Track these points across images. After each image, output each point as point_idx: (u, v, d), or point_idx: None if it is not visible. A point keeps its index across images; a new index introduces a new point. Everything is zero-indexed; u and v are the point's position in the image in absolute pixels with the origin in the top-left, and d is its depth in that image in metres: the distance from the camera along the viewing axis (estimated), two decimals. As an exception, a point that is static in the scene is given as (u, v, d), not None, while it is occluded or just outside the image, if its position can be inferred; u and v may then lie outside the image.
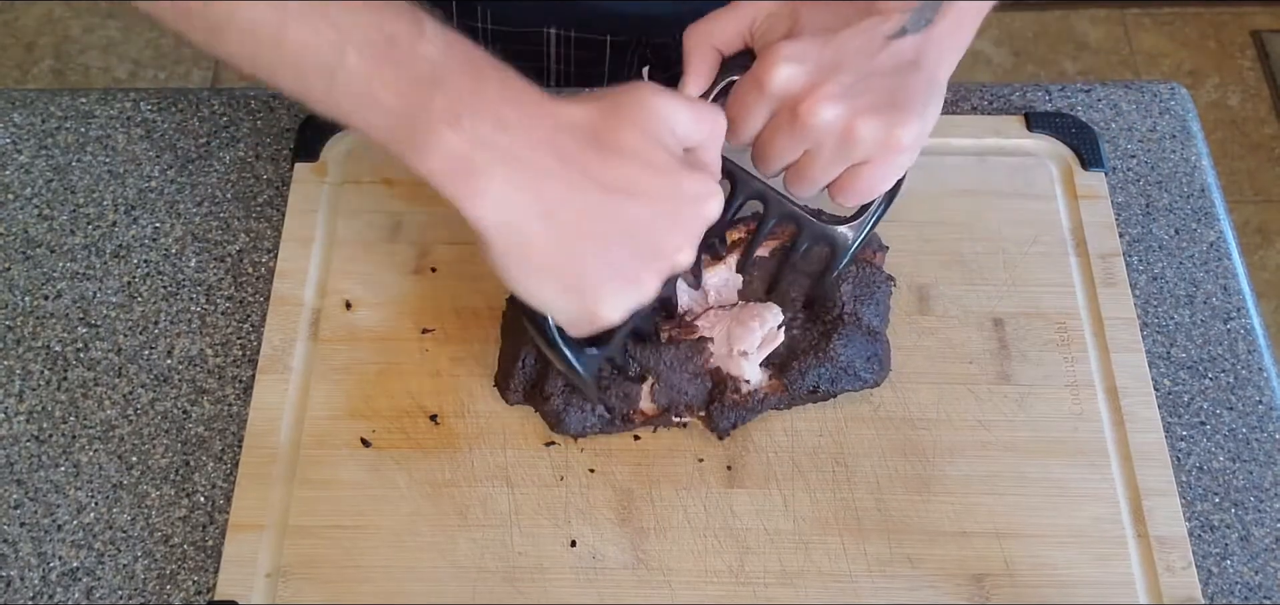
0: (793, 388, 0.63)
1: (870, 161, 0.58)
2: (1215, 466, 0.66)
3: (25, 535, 0.63)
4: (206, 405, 0.67)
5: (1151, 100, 0.80)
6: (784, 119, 0.58)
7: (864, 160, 0.58)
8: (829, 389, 0.64)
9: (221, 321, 0.70)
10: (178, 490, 0.64)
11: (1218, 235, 0.74)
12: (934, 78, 0.59)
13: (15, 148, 0.77)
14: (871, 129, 0.57)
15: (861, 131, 0.57)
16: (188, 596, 0.61)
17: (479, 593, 0.60)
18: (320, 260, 0.71)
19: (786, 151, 0.59)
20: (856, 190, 0.60)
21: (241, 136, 0.77)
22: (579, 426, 0.63)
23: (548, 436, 0.65)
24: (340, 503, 0.62)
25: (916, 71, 0.58)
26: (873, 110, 0.57)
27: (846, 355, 0.64)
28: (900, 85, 0.57)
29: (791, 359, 0.64)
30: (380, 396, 0.66)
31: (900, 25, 0.57)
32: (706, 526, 0.62)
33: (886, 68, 0.57)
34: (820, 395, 0.64)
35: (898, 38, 0.57)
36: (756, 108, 0.58)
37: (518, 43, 0.89)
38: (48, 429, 0.66)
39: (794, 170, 0.60)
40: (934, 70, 0.59)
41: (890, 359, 0.66)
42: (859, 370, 0.64)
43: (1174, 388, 0.68)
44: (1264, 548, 0.63)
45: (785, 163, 0.60)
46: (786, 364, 0.64)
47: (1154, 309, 0.71)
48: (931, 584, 0.61)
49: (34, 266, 0.72)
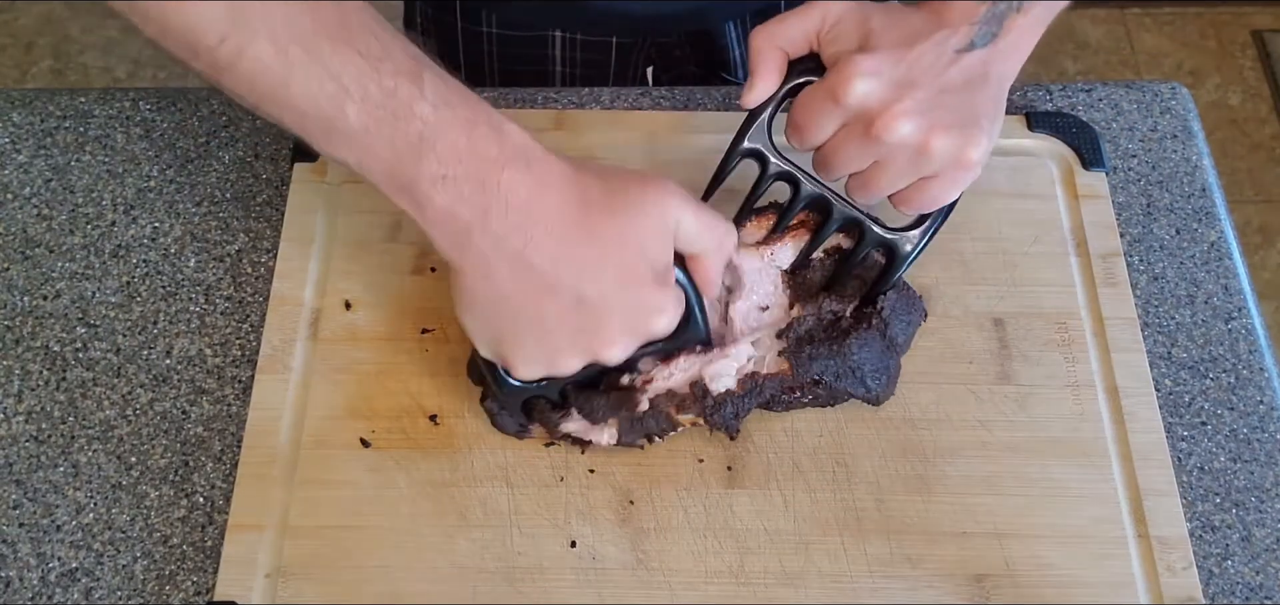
0: (799, 369, 0.63)
1: (939, 175, 0.59)
2: (1216, 467, 0.65)
3: (24, 535, 0.63)
4: (206, 405, 0.67)
5: (1152, 100, 0.80)
6: (857, 131, 0.58)
7: (933, 174, 0.59)
8: (832, 384, 0.63)
9: (221, 321, 0.70)
10: (177, 491, 0.64)
11: (1218, 235, 0.74)
12: (1001, 90, 0.60)
13: (14, 147, 0.77)
14: (946, 145, 0.58)
15: (935, 147, 0.58)
16: (187, 597, 0.61)
17: (479, 593, 0.60)
18: (320, 260, 0.71)
19: (855, 162, 0.60)
20: (922, 202, 0.61)
21: (241, 136, 0.77)
22: (512, 429, 0.64)
23: (548, 436, 0.64)
24: (340, 503, 0.62)
25: (985, 85, 0.59)
26: (947, 127, 0.58)
27: (859, 357, 0.63)
28: (971, 100, 0.58)
29: (806, 341, 0.64)
30: (380, 396, 0.66)
31: (969, 39, 0.57)
32: (706, 527, 0.62)
33: (957, 83, 0.58)
34: (821, 390, 0.64)
35: (967, 52, 0.57)
36: (829, 118, 0.59)
37: (523, 46, 0.89)
38: (47, 429, 0.66)
39: (860, 178, 0.61)
40: (1001, 83, 0.60)
41: (896, 382, 0.66)
42: (866, 376, 0.64)
43: (1175, 388, 0.68)
44: (1265, 548, 0.63)
45: (851, 171, 0.61)
46: (799, 347, 0.64)
47: (1155, 309, 0.71)
48: (931, 584, 0.60)
49: (33, 266, 0.72)
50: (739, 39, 0.90)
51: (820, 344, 0.64)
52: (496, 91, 0.78)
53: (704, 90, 0.79)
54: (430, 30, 0.93)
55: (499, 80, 0.91)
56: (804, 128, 0.60)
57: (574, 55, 0.89)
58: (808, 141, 0.60)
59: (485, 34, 0.89)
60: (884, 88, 0.57)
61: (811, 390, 0.64)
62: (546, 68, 0.90)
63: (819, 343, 0.64)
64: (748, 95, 0.61)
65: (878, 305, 0.65)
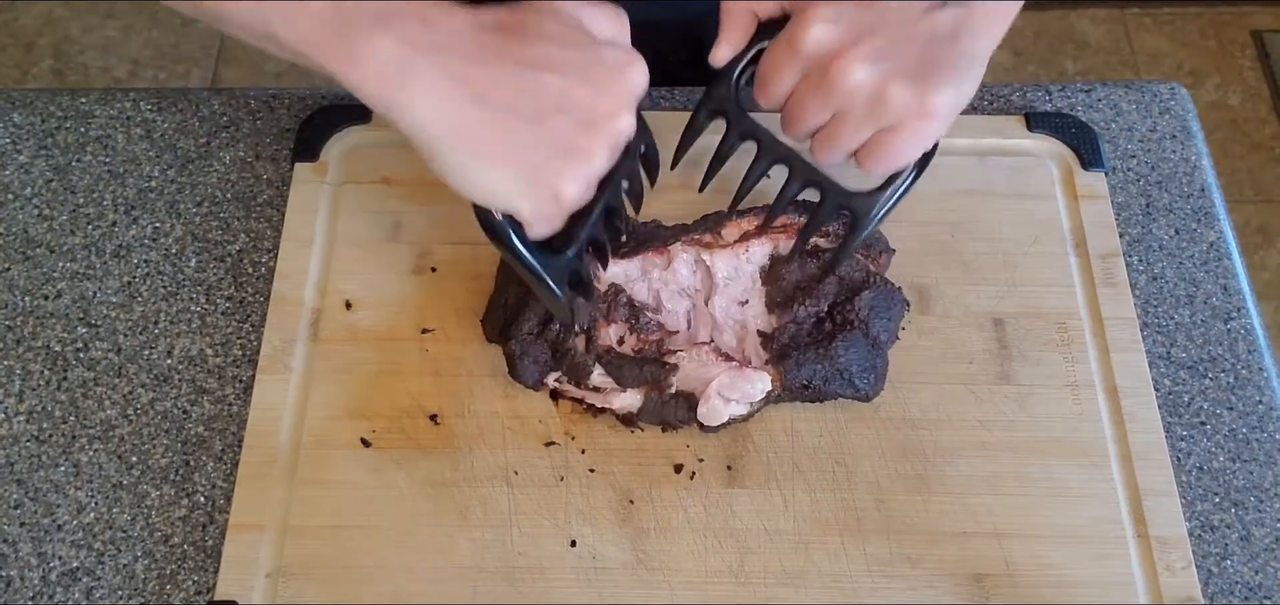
0: (787, 377, 0.63)
1: (900, 127, 0.58)
2: (1215, 466, 0.66)
3: (25, 535, 0.63)
4: (206, 405, 0.67)
5: (1151, 100, 0.80)
6: (815, 80, 0.58)
7: (893, 125, 0.58)
8: (821, 387, 0.64)
9: (221, 321, 0.70)
10: (178, 490, 0.64)
11: (1218, 235, 0.74)
12: (973, 52, 0.58)
13: (15, 148, 0.77)
14: (903, 92, 0.56)
15: (893, 94, 0.56)
16: (188, 596, 0.61)
17: (479, 593, 0.60)
18: (320, 260, 0.71)
19: (816, 113, 0.59)
20: (885, 156, 0.59)
21: (241, 136, 0.77)
22: (532, 378, 0.64)
23: (548, 436, 0.65)
24: (340, 503, 0.62)
25: (954, 43, 0.57)
26: (905, 75, 0.56)
27: (846, 359, 0.63)
28: (936, 53, 0.57)
29: (791, 349, 0.64)
30: (380, 396, 0.66)
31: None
32: (706, 526, 0.62)
33: (923, 36, 0.57)
34: (811, 392, 0.64)
35: (939, 9, 0.57)
36: (788, 67, 0.58)
37: None
38: (48, 429, 0.66)
39: (822, 135, 0.60)
40: (973, 44, 0.58)
41: (886, 377, 0.66)
42: (855, 377, 0.64)
43: (1174, 388, 0.68)
44: (1264, 548, 0.63)
45: (814, 126, 0.60)
46: (785, 353, 0.64)
47: (1154, 309, 0.71)
48: (931, 584, 0.61)
49: (34, 266, 0.72)
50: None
51: (806, 349, 0.64)
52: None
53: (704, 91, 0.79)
54: None
55: None
56: (766, 80, 0.59)
57: None
58: (770, 95, 0.60)
59: None
60: (841, 32, 0.56)
61: (800, 392, 0.64)
62: None
63: (804, 348, 0.64)
64: (715, 53, 0.61)
65: (856, 305, 0.65)
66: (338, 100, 0.77)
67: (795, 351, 0.64)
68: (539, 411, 0.65)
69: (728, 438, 0.65)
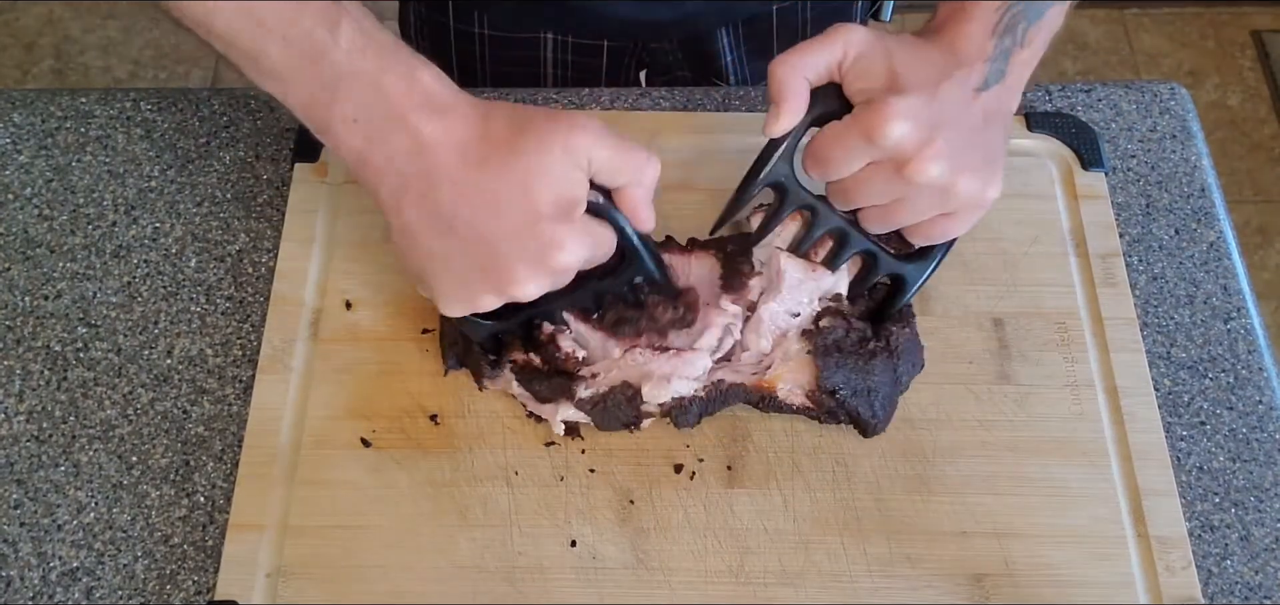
0: (824, 374, 0.63)
1: (959, 212, 0.61)
2: (1215, 466, 0.66)
3: (25, 535, 0.63)
4: (206, 405, 0.67)
5: (1151, 100, 0.80)
6: (887, 169, 0.58)
7: (953, 211, 0.61)
8: (845, 399, 0.63)
9: (221, 321, 0.70)
10: (178, 490, 0.64)
11: (1218, 235, 0.74)
12: (1008, 128, 0.63)
13: (15, 148, 0.77)
14: (970, 186, 0.59)
15: (961, 188, 0.59)
16: (188, 596, 0.61)
17: (479, 593, 0.60)
18: (320, 260, 0.71)
19: (879, 196, 0.60)
20: (935, 235, 0.63)
21: (241, 136, 0.77)
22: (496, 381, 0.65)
23: (548, 436, 0.65)
24: (340, 503, 0.63)
25: (999, 121, 0.61)
26: (973, 169, 0.59)
27: (877, 380, 0.63)
28: (990, 139, 0.60)
29: (835, 350, 0.64)
30: (380, 396, 0.66)
31: (984, 77, 0.59)
32: (706, 526, 0.62)
33: (978, 121, 0.59)
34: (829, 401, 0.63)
35: (983, 90, 0.59)
36: (859, 156, 0.59)
37: (515, 48, 0.89)
38: (48, 429, 0.66)
39: (879, 210, 0.61)
40: (1009, 117, 0.62)
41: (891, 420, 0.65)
42: (876, 401, 0.64)
43: (1174, 388, 0.68)
44: (1264, 548, 0.63)
45: (873, 204, 0.61)
46: (828, 351, 0.64)
47: (1154, 309, 0.71)
48: (931, 584, 0.61)
49: (34, 266, 0.72)
50: (731, 45, 0.90)
51: (848, 355, 0.64)
52: (496, 92, 0.78)
53: (702, 91, 0.79)
54: (424, 31, 0.93)
55: (491, 81, 0.91)
56: (830, 162, 0.59)
57: (566, 57, 0.89)
58: (831, 175, 0.60)
59: (477, 35, 0.89)
60: (918, 130, 0.57)
61: (817, 399, 0.64)
62: (538, 69, 0.91)
63: (847, 353, 0.64)
64: (773, 124, 0.60)
65: (895, 337, 0.65)
66: (338, 100, 0.77)
67: (837, 354, 0.64)
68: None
69: (728, 437, 0.65)
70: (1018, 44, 0.59)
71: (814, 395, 0.64)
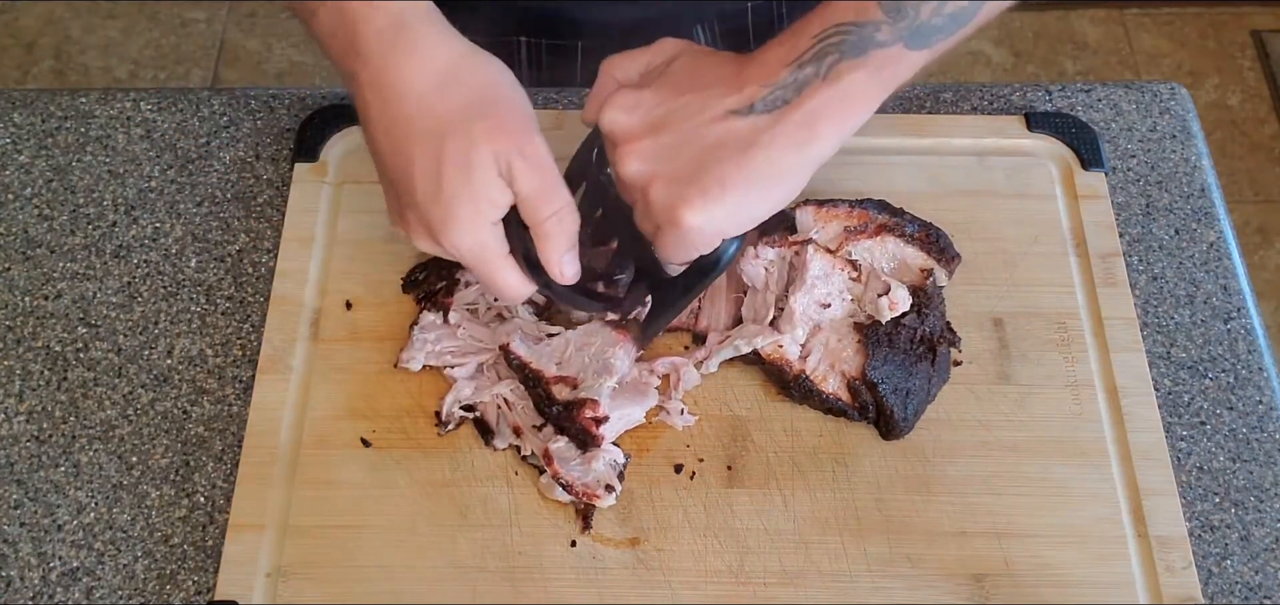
0: (872, 360, 0.64)
1: (660, 229, 0.58)
2: (1215, 466, 0.66)
3: (25, 535, 0.63)
4: (206, 405, 0.67)
5: (1151, 100, 0.80)
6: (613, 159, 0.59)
7: (656, 226, 0.58)
8: (885, 393, 0.63)
9: (221, 321, 0.70)
10: (178, 490, 0.64)
11: (1218, 235, 0.74)
12: (778, 165, 0.56)
13: (15, 148, 0.77)
14: (661, 198, 0.56)
15: (653, 197, 0.57)
16: (188, 596, 0.61)
17: (479, 593, 0.60)
18: (320, 260, 0.71)
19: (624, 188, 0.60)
20: (661, 251, 0.59)
21: (241, 136, 0.77)
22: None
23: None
24: (340, 503, 0.63)
25: (745, 154, 0.55)
26: (668, 180, 0.56)
27: (914, 384, 0.64)
28: (716, 164, 0.55)
29: (886, 342, 0.64)
30: (380, 396, 0.66)
31: (749, 102, 0.55)
32: (706, 526, 0.62)
33: (710, 141, 0.56)
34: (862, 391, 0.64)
35: (742, 115, 0.55)
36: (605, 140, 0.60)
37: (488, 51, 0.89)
38: (48, 429, 0.66)
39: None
40: (779, 157, 0.55)
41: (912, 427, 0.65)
42: (909, 406, 0.64)
43: (1174, 388, 0.68)
44: (1264, 548, 0.63)
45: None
46: (879, 342, 0.64)
47: (1154, 309, 0.71)
48: (931, 584, 0.61)
49: (34, 267, 0.72)
50: (707, 43, 0.89)
51: (898, 352, 0.64)
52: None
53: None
54: None
55: None
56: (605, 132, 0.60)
57: (540, 59, 0.89)
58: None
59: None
60: (632, 123, 0.57)
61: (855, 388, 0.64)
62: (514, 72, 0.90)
63: (898, 350, 0.64)
64: (584, 114, 0.62)
65: (938, 352, 0.65)
66: (338, 100, 0.77)
67: (888, 348, 0.64)
68: (539, 411, 0.65)
69: (728, 437, 0.65)
70: (820, 77, 0.54)
71: (853, 383, 0.64)
